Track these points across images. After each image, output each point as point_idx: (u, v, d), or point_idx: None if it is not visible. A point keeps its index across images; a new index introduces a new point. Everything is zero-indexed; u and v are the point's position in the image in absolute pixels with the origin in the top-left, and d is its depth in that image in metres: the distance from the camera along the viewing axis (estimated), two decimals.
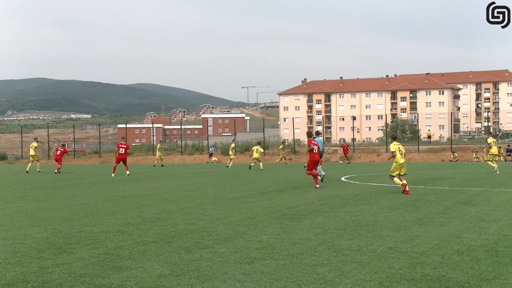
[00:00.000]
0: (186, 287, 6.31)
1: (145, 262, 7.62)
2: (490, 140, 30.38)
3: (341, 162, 39.91)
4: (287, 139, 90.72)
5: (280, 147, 54.06)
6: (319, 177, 21.83)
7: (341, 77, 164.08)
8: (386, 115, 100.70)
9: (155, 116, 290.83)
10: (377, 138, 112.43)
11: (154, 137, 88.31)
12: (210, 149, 63.98)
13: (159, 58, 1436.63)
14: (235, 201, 15.70)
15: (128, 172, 31.11)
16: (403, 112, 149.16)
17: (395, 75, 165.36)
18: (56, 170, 35.73)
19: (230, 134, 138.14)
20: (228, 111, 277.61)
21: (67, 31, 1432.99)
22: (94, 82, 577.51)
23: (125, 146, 32.03)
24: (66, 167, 45.97)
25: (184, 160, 61.48)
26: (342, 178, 26.09)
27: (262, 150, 41.24)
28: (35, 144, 38.31)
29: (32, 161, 37.72)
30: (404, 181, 17.56)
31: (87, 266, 7.37)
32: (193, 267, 7.27)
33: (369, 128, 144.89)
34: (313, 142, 21.10)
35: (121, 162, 31.79)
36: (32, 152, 37.76)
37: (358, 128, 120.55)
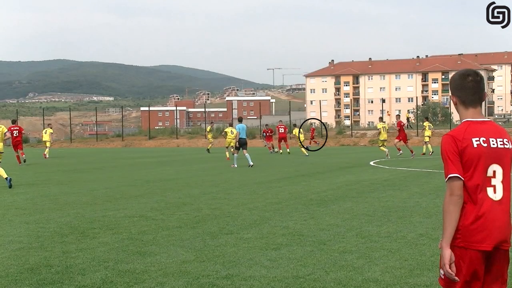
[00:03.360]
0: (211, 273, 6.35)
1: (169, 247, 7.68)
2: (380, 125, 31.55)
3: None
4: (314, 123, 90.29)
5: (208, 128, 43.83)
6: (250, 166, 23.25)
7: (370, 58, 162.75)
8: (417, 97, 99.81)
9: (178, 98, 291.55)
10: None
11: (178, 120, 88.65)
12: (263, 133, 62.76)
13: (182, 39, 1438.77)
14: (260, 186, 15.73)
15: None
16: (435, 94, 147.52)
17: (426, 56, 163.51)
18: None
19: (256, 117, 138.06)
20: (253, 93, 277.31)
21: (104, 10, 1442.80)
22: (116, 64, 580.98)
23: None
24: (88, 151, 46.43)
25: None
26: (371, 163, 25.96)
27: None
28: (50, 130, 37.10)
29: (49, 146, 36.29)
30: None
31: (111, 251, 7.46)
32: (218, 253, 7.31)
33: (399, 111, 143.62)
34: None
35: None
36: (46, 137, 36.56)
37: (388, 111, 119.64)
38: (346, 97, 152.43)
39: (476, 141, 3.47)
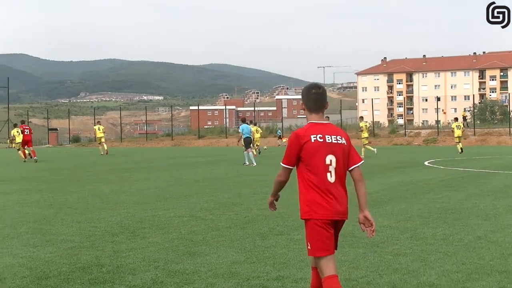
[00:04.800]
0: (261, 274, 6.34)
1: (219, 248, 7.71)
2: (454, 125, 36.02)
3: None
4: (366, 122, 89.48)
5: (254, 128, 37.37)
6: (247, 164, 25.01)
7: (424, 55, 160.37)
8: (473, 95, 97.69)
9: (227, 97, 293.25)
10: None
11: (227, 119, 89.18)
12: (278, 132, 64.37)
13: (231, 37, 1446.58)
14: None
15: None
16: (493, 92, 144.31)
17: (484, 52, 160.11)
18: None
19: (306, 116, 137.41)
20: None
21: (154, 9, 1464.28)
22: (165, 63, 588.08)
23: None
24: (138, 150, 47.13)
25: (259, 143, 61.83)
26: (425, 163, 25.56)
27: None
28: (102, 126, 40.78)
29: (100, 143, 39.89)
30: None
31: (161, 251, 7.54)
32: (268, 254, 7.30)
33: (455, 109, 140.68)
34: None
35: None
36: (101, 134, 39.94)
37: (443, 110, 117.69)
38: (399, 95, 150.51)
39: (314, 137, 4.57)
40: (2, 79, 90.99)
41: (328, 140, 4.59)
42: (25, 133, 32.46)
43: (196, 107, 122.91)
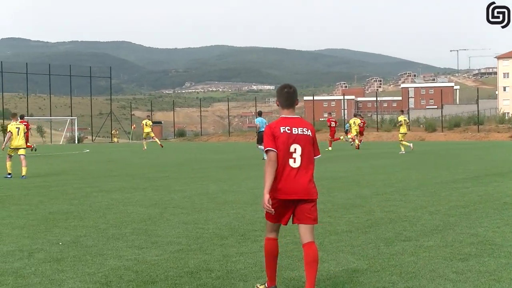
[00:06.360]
0: (387, 284, 6.29)
1: (338, 254, 7.72)
2: (401, 118, 34.69)
3: None
4: (508, 112, 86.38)
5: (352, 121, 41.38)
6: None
7: None
8: None
9: (346, 86, 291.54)
10: None
11: (345, 111, 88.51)
12: (346, 125, 62.42)
13: (349, 19, 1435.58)
14: (442, 187, 15.34)
15: None
16: None
17: None
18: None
19: (436, 106, 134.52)
20: (434, 79, 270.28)
21: None
22: (277, 49, 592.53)
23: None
24: (247, 145, 47.78)
25: (381, 138, 61.06)
26: None
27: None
28: (150, 122, 44.05)
29: (145, 138, 43.81)
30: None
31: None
32: (394, 262, 7.23)
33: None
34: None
35: None
36: (149, 129, 43.41)
37: None
38: None
39: (282, 128, 5.89)
40: (104, 69, 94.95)
41: (295, 131, 5.92)
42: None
43: (310, 98, 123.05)
